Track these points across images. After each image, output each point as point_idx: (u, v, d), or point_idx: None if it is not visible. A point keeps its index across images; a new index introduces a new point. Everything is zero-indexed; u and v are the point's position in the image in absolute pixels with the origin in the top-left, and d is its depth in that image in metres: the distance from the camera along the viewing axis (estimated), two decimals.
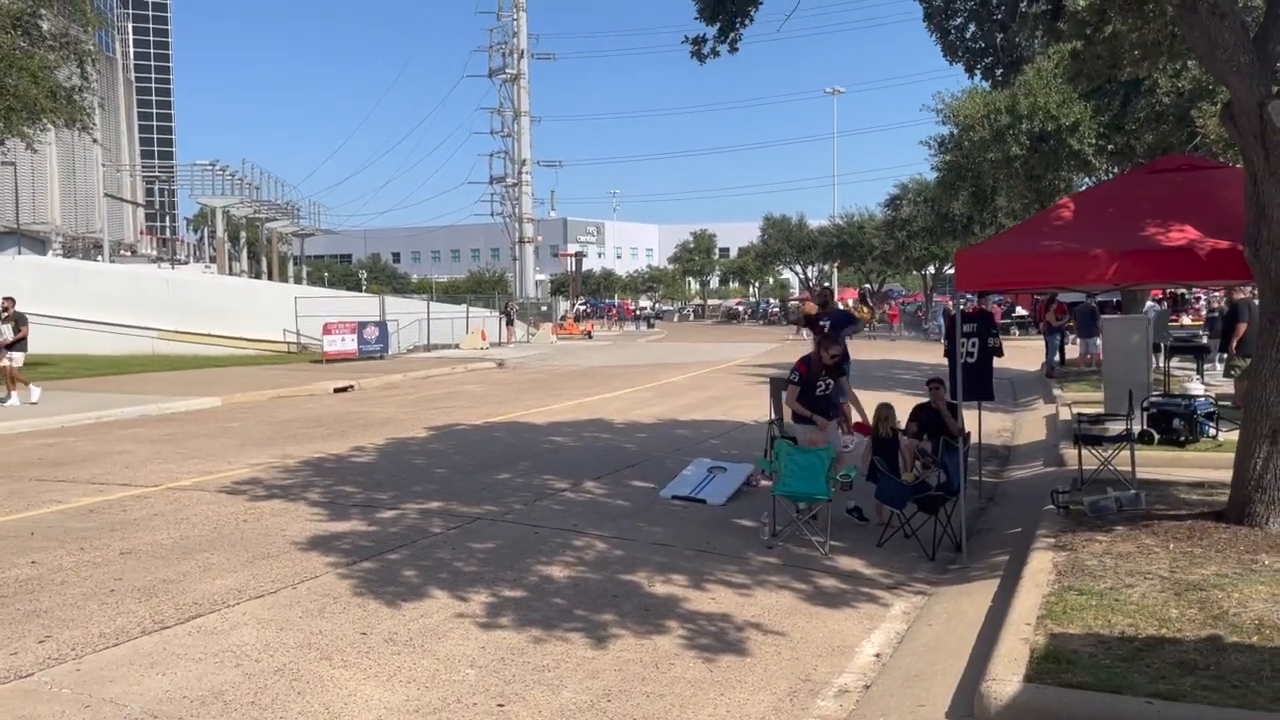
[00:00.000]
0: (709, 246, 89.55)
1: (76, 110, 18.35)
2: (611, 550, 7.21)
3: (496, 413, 16.05)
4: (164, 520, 8.09)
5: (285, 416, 15.80)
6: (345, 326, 29.16)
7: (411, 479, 9.99)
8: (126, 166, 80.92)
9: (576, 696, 4.60)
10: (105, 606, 5.83)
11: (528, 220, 61.22)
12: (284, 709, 4.43)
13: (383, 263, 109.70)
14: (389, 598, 6.03)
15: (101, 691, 4.58)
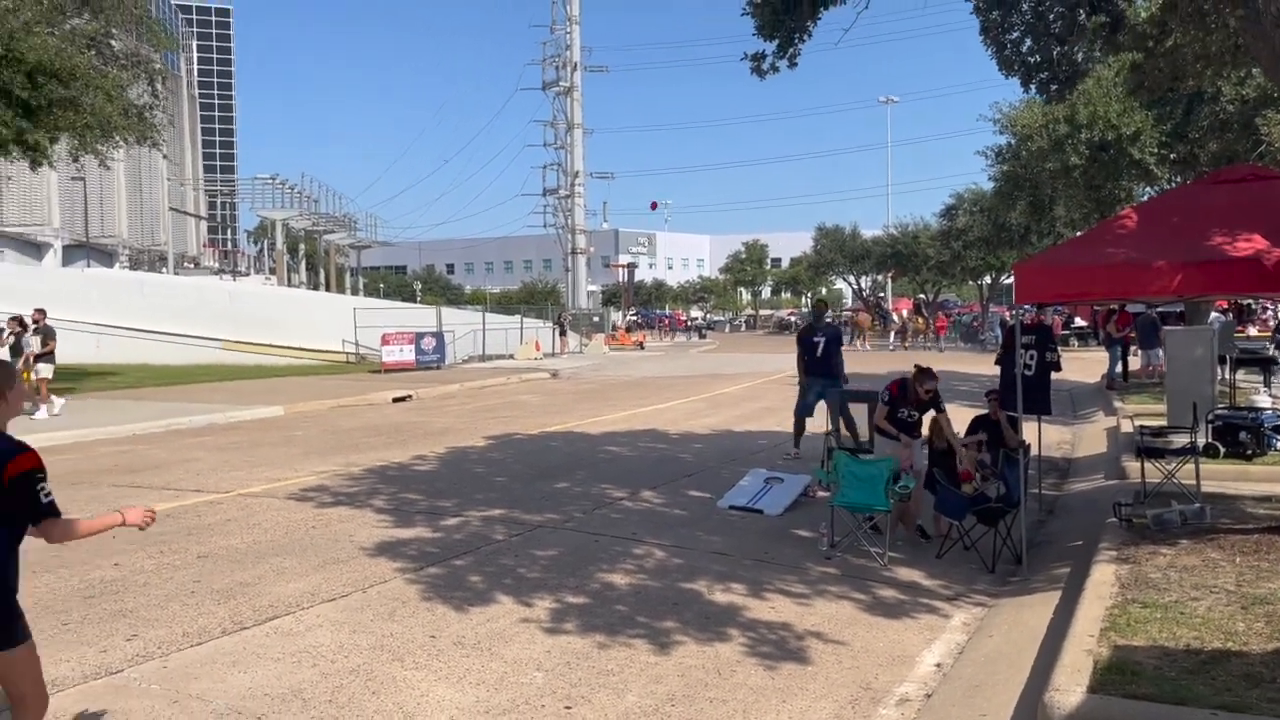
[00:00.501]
0: (761, 256, 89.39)
1: (147, 127, 18.92)
2: (671, 559, 7.31)
3: (552, 422, 16.24)
4: (237, 525, 8.36)
5: (347, 425, 16.14)
6: (403, 337, 29.63)
7: (473, 487, 10.18)
8: (190, 181, 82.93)
9: (641, 700, 4.71)
10: (187, 607, 6.07)
11: (580, 231, 61.64)
12: (360, 708, 4.59)
13: (437, 274, 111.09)
14: (456, 602, 6.19)
15: (188, 688, 4.79)
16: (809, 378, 11.98)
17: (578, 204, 60.51)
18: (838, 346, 12.03)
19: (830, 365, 11.85)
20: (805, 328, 12.59)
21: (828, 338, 12.00)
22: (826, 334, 12.06)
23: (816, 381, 11.88)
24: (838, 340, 12.17)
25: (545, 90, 60.45)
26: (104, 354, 31.70)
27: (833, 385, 11.62)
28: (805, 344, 12.12)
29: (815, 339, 12.01)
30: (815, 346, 11.93)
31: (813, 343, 12.01)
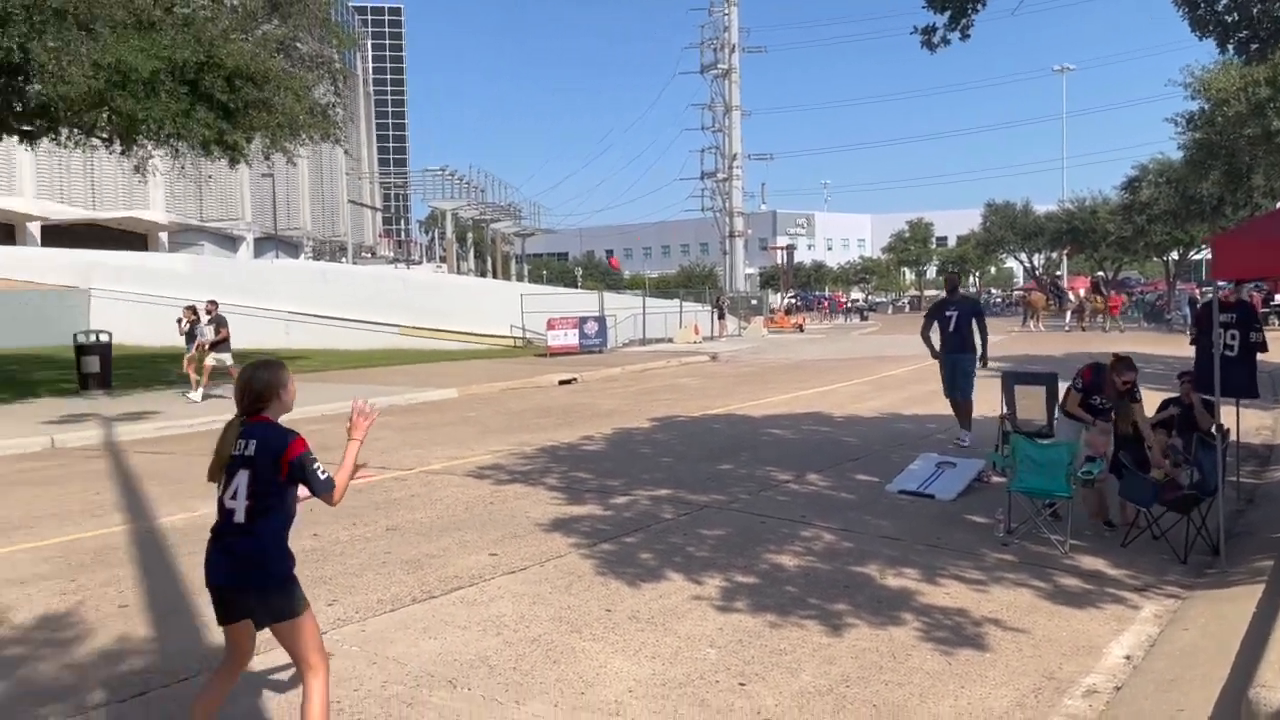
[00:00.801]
0: (925, 235, 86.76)
1: (330, 125, 19.97)
2: (840, 542, 7.27)
3: (714, 405, 16.32)
4: (421, 500, 8.81)
5: (517, 407, 16.69)
6: (567, 322, 30.34)
7: (639, 467, 10.38)
8: (366, 174, 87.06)
9: (815, 680, 4.73)
10: (379, 576, 6.46)
11: (738, 214, 61.47)
12: (542, 676, 4.79)
13: (597, 260, 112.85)
14: (629, 578, 6.36)
15: (384, 651, 5.11)
16: (945, 354, 11.60)
17: (735, 186, 60.32)
18: (969, 320, 11.52)
19: (962, 340, 11.41)
20: (938, 302, 12.16)
21: (960, 311, 11.55)
22: (959, 308, 11.61)
23: (949, 357, 11.52)
24: (974, 314, 11.66)
25: (703, 74, 60.45)
26: (293, 339, 33.78)
27: (967, 361, 11.32)
28: (939, 319, 11.72)
29: (948, 313, 11.60)
30: (948, 321, 11.53)
31: (945, 317, 11.60)
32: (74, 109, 15.32)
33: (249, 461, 3.50)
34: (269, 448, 3.50)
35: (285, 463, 3.48)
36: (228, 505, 3.52)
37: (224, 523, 3.54)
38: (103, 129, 17.34)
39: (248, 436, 3.54)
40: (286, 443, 3.51)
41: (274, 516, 3.52)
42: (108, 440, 13.04)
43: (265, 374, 3.67)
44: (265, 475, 3.49)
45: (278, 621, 3.51)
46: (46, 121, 16.79)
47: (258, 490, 3.48)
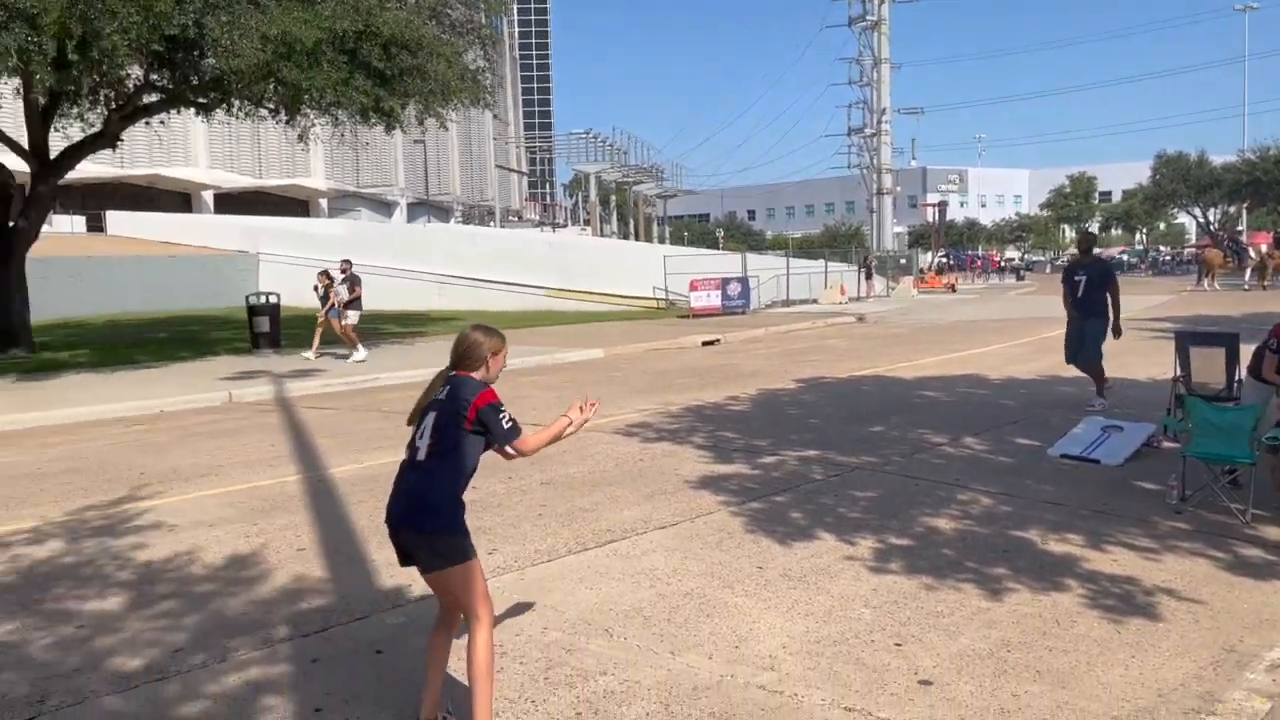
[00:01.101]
0: (1088, 190, 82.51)
1: (480, 90, 20.40)
2: (998, 506, 7.06)
3: (862, 367, 16.03)
4: (573, 456, 9.00)
5: (661, 367, 16.82)
6: (710, 283, 30.28)
7: (787, 428, 10.32)
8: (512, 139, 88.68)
9: (974, 644, 4.62)
10: (536, 527, 6.65)
11: (886, 171, 59.81)
12: (696, 629, 4.84)
13: (738, 220, 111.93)
14: (779, 536, 6.35)
15: (543, 599, 5.27)
16: (1072, 319, 11.24)
17: (884, 142, 58.66)
18: (1103, 285, 11.02)
19: (1091, 304, 11.02)
20: (1069, 265, 11.70)
21: (1089, 276, 11.09)
22: (1089, 272, 11.15)
23: (1078, 322, 11.15)
24: (1104, 278, 11.10)
25: (850, 26, 58.78)
26: (445, 301, 34.92)
27: (1094, 325, 10.93)
28: (1068, 283, 11.30)
29: (1076, 277, 11.19)
30: (1077, 286, 11.11)
31: (1074, 281, 11.19)
32: (244, 81, 16.11)
33: (441, 405, 3.66)
34: (460, 393, 3.65)
35: (473, 408, 3.60)
36: (416, 444, 3.67)
37: (408, 461, 3.69)
38: (270, 99, 18.20)
39: (448, 384, 3.72)
40: (478, 391, 3.66)
41: (451, 460, 3.61)
42: (279, 395, 13.83)
43: (479, 336, 3.80)
44: (451, 419, 3.62)
45: (443, 567, 3.60)
46: (219, 94, 17.74)
47: (441, 432, 3.62)
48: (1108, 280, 11.11)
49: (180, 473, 8.75)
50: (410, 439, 3.72)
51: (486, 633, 3.62)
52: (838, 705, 3.99)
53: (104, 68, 14.61)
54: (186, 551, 6.27)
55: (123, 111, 18.73)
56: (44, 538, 6.68)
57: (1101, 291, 11.04)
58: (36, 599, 5.43)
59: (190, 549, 6.32)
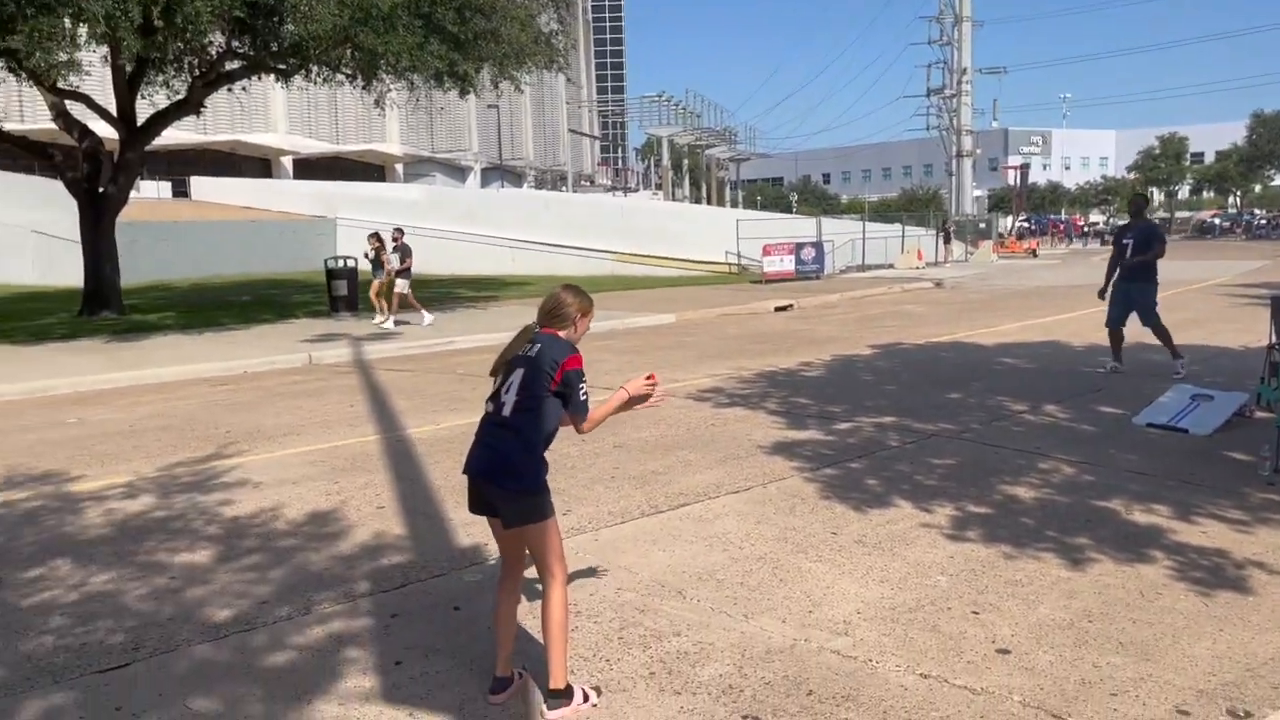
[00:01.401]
0: (1179, 151, 79.37)
1: (554, 53, 20.37)
2: (1080, 475, 6.89)
3: (939, 333, 15.75)
4: (645, 420, 9.01)
5: (733, 333, 16.73)
6: (783, 248, 29.97)
7: (861, 394, 10.20)
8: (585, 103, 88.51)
9: (1054, 613, 4.54)
10: (609, 490, 6.70)
11: (966, 133, 58.27)
12: (769, 593, 4.84)
13: (812, 184, 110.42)
14: (854, 503, 6.29)
15: (616, 560, 5.31)
16: (1118, 282, 11.16)
17: (964, 103, 57.13)
18: (1145, 248, 10.88)
19: (1137, 267, 10.95)
20: (1120, 228, 11.65)
21: (1134, 239, 10.95)
22: (1134, 235, 11.01)
23: (1121, 286, 11.09)
24: (1148, 241, 10.94)
25: None
26: (518, 266, 35.18)
27: (1140, 291, 10.95)
28: (1117, 244, 11.30)
29: (1125, 240, 11.09)
30: (1125, 248, 11.07)
31: (1122, 244, 11.10)
32: (322, 46, 16.32)
33: (529, 361, 3.65)
34: (549, 352, 3.65)
35: (561, 369, 3.61)
36: (501, 399, 3.65)
37: (492, 415, 3.68)
38: (347, 65, 18.41)
39: (535, 341, 3.72)
40: (567, 354, 3.65)
41: (536, 419, 3.60)
42: (357, 358, 14.10)
43: (568, 296, 3.82)
44: (539, 378, 3.60)
45: (523, 524, 3.62)
46: (298, 60, 17.99)
47: (529, 389, 3.61)
48: (1154, 242, 11.00)
49: (264, 431, 9.00)
50: (494, 391, 3.71)
51: (561, 590, 3.65)
52: (913, 672, 3.96)
53: (188, 34, 14.91)
54: (271, 507, 6.45)
55: (206, 78, 19.13)
56: (137, 492, 6.93)
57: (1148, 252, 10.95)
58: (131, 551, 5.65)
59: (274, 505, 6.51)
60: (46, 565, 5.42)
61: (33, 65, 13.97)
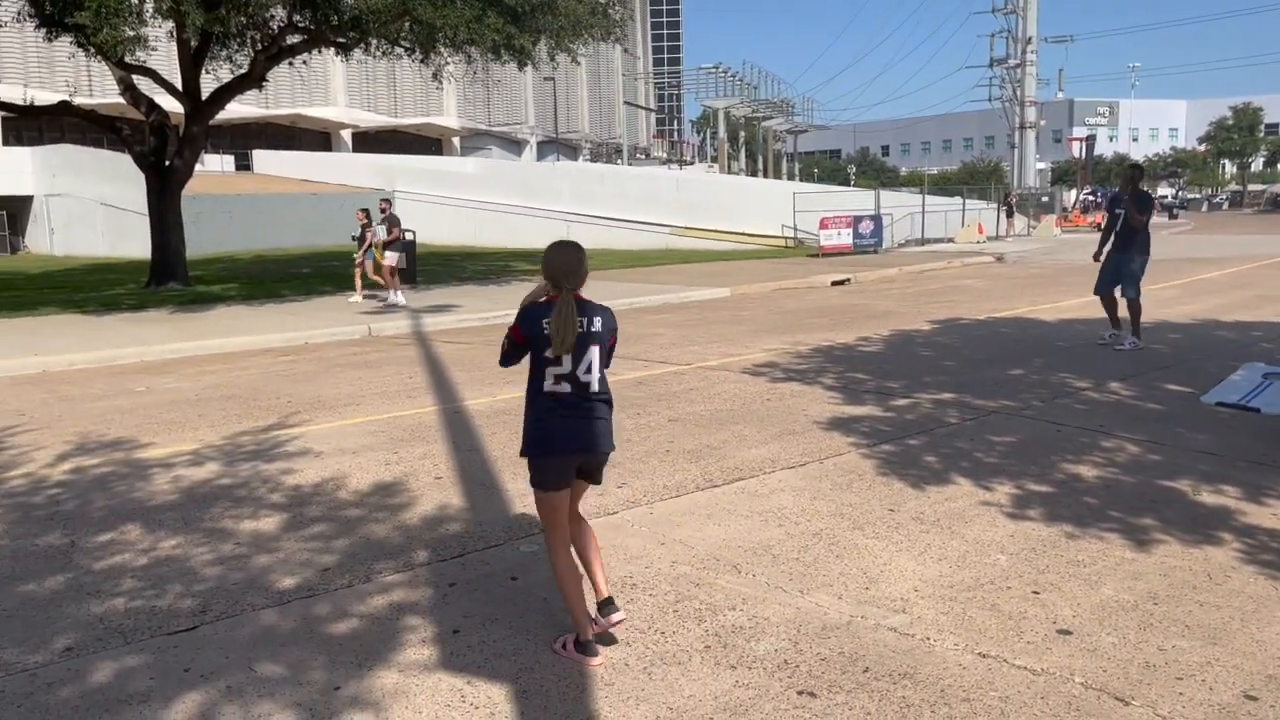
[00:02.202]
0: (1253, 122, 76.86)
1: (611, 24, 20.24)
2: (1146, 454, 6.74)
3: (1000, 308, 15.48)
4: (699, 394, 9.01)
5: (789, 307, 16.61)
6: (840, 221, 29.63)
7: (920, 370, 10.07)
8: (641, 75, 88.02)
9: (1118, 595, 4.45)
10: (664, 464, 6.70)
11: (1030, 104, 56.96)
12: (825, 568, 4.81)
13: (871, 156, 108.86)
14: (911, 479, 6.22)
15: (671, 533, 5.32)
16: (1110, 253, 11.47)
17: (1028, 73, 55.81)
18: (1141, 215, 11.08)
19: (1126, 240, 11.20)
20: (1113, 197, 11.74)
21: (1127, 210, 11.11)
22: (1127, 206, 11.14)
23: (1114, 256, 11.38)
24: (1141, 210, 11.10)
25: None
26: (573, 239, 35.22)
27: (1130, 260, 11.19)
28: (1110, 214, 11.50)
29: (1118, 210, 11.27)
30: (1118, 219, 11.32)
31: (1115, 214, 11.32)
32: (381, 19, 16.41)
33: (597, 337, 3.82)
34: (609, 326, 3.89)
35: (614, 339, 3.93)
36: (582, 379, 3.80)
37: (583, 393, 3.82)
38: (405, 38, 18.50)
39: (589, 314, 3.82)
40: (614, 320, 3.93)
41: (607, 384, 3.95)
42: (415, 330, 14.26)
43: (578, 251, 3.91)
44: (606, 349, 3.88)
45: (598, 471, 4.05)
46: (358, 33, 18.11)
47: (605, 362, 3.88)
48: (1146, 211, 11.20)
49: (325, 402, 9.15)
50: (572, 371, 3.78)
51: None
52: (971, 651, 3.91)
53: (250, 8, 15.10)
54: (332, 477, 6.57)
55: (268, 52, 19.36)
56: (203, 460, 7.10)
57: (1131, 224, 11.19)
58: (198, 517, 5.79)
59: (335, 474, 6.62)
60: (117, 530, 5.58)
61: (100, 41, 14.23)
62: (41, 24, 17.99)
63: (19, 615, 4.44)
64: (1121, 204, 11.24)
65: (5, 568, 5.03)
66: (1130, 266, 11.17)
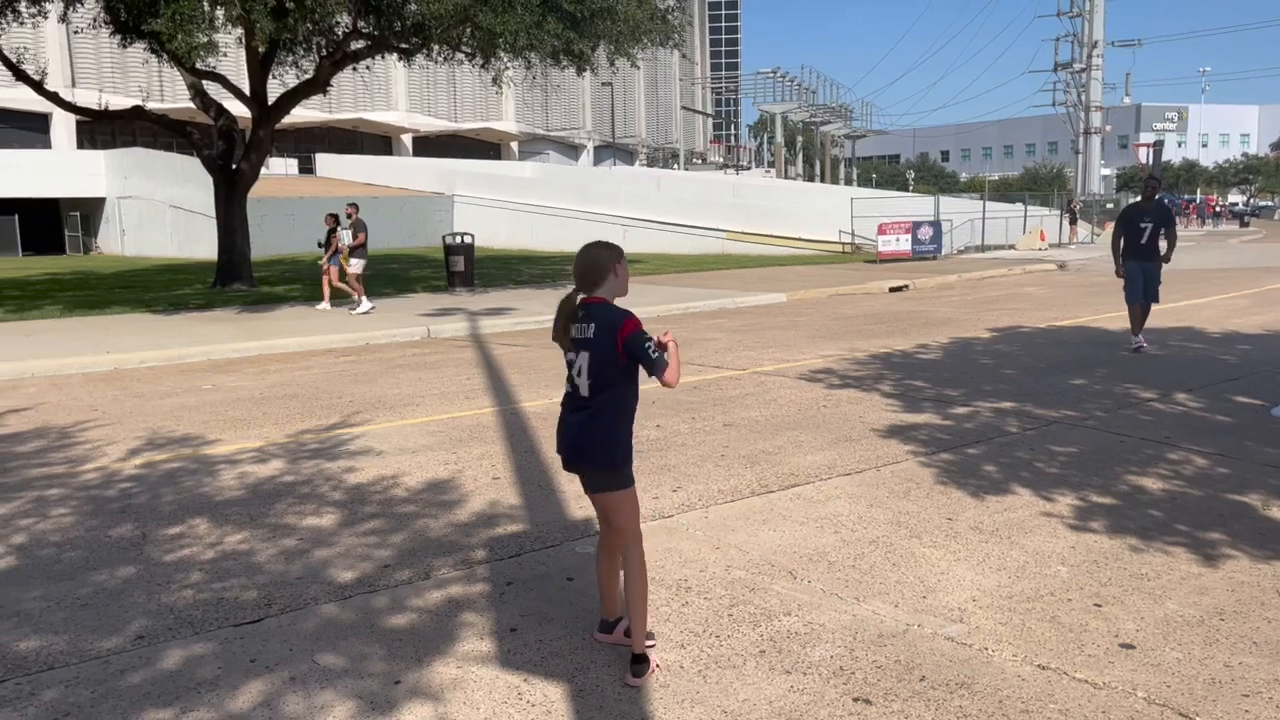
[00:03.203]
0: None
1: (669, 29, 20.31)
2: (1214, 467, 6.59)
3: (1062, 316, 15.23)
4: (754, 400, 9.00)
5: (846, 313, 16.49)
6: (899, 227, 29.34)
7: (980, 378, 9.95)
8: (699, 79, 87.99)
9: (1183, 610, 4.36)
10: (719, 468, 6.71)
11: (1095, 108, 55.92)
12: (882, 576, 4.78)
13: (930, 161, 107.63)
14: (971, 489, 6.16)
15: (726, 538, 5.33)
16: (1130, 262, 11.80)
17: (1094, 78, 54.81)
18: (1159, 231, 11.65)
19: (1148, 249, 11.71)
20: (1134, 209, 11.97)
21: (1153, 222, 11.62)
22: (1152, 218, 11.65)
23: (1139, 264, 11.73)
24: (1167, 223, 11.70)
25: None
26: (629, 244, 35.32)
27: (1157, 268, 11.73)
28: (1132, 228, 11.70)
29: (1143, 223, 11.58)
30: (1141, 232, 11.67)
31: (1140, 227, 11.71)
32: (443, 25, 16.65)
33: (589, 344, 3.67)
34: (607, 329, 3.66)
35: (621, 341, 3.63)
36: (575, 381, 3.75)
37: (571, 395, 3.80)
38: (466, 44, 18.74)
39: (586, 320, 3.71)
40: (622, 321, 3.64)
41: (612, 394, 3.71)
42: (473, 332, 14.42)
43: (596, 251, 3.79)
44: (605, 356, 3.66)
45: (604, 491, 3.80)
46: (420, 39, 18.40)
47: (597, 369, 3.67)
48: (1169, 225, 11.73)
49: (385, 402, 9.30)
50: (569, 374, 3.78)
51: (640, 553, 3.82)
52: (1030, 663, 3.86)
53: (317, 15, 15.40)
54: (392, 475, 6.68)
55: (332, 58, 19.73)
56: (267, 457, 7.26)
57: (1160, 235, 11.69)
58: (262, 512, 5.93)
59: (395, 473, 6.73)
60: (185, 524, 5.74)
61: (174, 47, 14.62)
62: (116, 30, 18.56)
63: (93, 604, 4.59)
64: (1146, 217, 11.64)
65: (80, 558, 5.20)
66: (1158, 274, 11.78)
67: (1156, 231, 11.64)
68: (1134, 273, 11.79)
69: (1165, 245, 11.75)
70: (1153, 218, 11.64)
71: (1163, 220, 11.70)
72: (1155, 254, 11.73)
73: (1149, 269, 11.71)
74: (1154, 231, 11.62)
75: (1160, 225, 11.66)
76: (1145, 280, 11.75)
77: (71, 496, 6.33)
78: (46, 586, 4.81)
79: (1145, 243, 11.67)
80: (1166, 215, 11.83)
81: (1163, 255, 11.77)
